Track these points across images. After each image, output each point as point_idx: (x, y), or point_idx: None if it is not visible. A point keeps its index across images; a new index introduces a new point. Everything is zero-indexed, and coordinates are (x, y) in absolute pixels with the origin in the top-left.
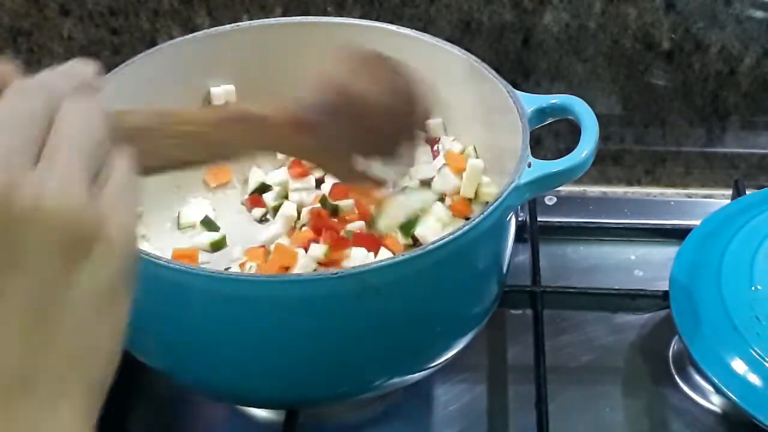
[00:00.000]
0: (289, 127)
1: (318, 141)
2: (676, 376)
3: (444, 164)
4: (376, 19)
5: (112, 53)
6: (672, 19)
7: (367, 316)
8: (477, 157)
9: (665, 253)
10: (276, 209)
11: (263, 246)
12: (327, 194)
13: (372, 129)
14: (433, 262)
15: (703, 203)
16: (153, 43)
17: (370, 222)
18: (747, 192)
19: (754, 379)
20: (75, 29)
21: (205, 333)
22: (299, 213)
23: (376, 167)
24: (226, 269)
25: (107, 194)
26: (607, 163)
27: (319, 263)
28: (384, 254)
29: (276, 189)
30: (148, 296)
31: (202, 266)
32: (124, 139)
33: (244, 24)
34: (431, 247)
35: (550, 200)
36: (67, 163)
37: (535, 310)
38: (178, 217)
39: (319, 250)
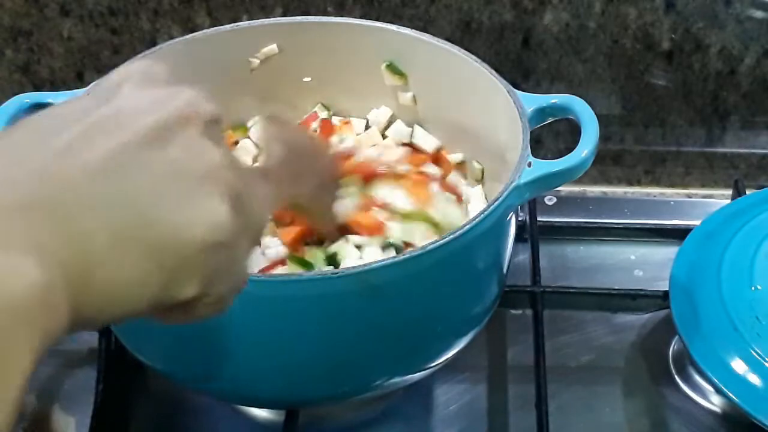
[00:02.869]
0: (283, 175)
1: (303, 187)
2: (676, 376)
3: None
4: (376, 19)
5: (112, 53)
6: (672, 19)
7: (367, 316)
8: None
9: (665, 253)
10: None
11: None
12: None
13: (315, 172)
14: (433, 262)
15: (703, 203)
16: (153, 43)
17: None
18: (747, 192)
19: (754, 379)
20: (75, 29)
21: (204, 333)
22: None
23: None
24: None
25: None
26: (607, 163)
27: None
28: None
29: None
30: None
31: None
32: None
33: (244, 24)
34: (431, 247)
35: (550, 200)
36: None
37: (535, 310)
38: None
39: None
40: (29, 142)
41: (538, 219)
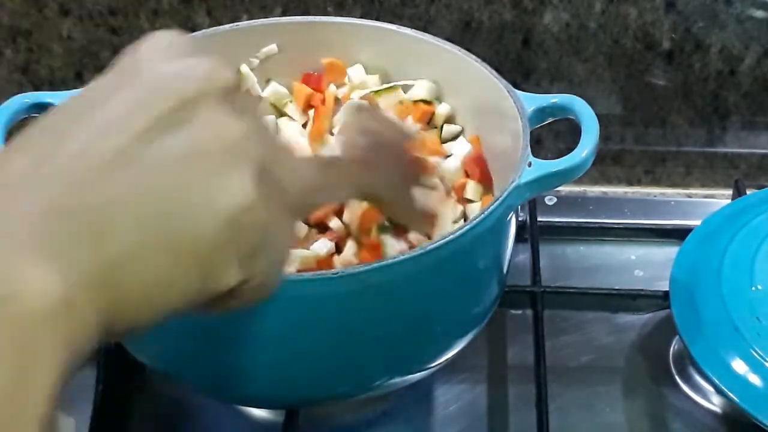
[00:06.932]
0: (356, 166)
1: (380, 178)
2: (676, 376)
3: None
4: (376, 19)
5: (112, 53)
6: (672, 19)
7: (367, 316)
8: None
9: (665, 253)
10: None
11: None
12: None
13: (397, 164)
14: (433, 262)
15: (703, 203)
16: None
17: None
18: (747, 192)
19: (754, 379)
20: (75, 29)
21: (204, 333)
22: None
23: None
24: None
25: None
26: (607, 163)
27: None
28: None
29: None
30: None
31: None
32: None
33: (244, 24)
34: (431, 247)
35: (550, 200)
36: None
37: (535, 310)
38: None
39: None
40: (48, 141)
41: (538, 219)
